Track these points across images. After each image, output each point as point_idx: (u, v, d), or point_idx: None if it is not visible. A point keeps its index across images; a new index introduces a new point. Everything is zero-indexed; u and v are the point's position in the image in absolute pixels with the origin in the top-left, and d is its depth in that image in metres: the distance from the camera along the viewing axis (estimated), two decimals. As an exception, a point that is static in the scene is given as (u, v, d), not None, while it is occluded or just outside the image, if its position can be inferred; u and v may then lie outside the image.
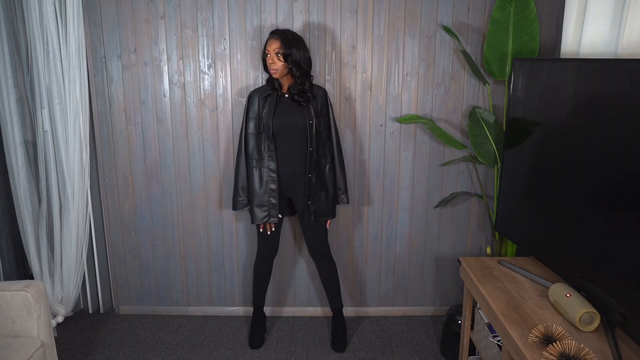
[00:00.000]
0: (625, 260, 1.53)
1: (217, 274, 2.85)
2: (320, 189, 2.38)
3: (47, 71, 2.40)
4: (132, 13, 2.52)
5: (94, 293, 2.87)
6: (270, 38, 2.24)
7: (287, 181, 2.37)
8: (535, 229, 2.00)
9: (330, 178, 2.41)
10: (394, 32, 2.53)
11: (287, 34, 2.24)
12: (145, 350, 2.54)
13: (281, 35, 2.22)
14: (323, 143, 2.38)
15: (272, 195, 2.33)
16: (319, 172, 2.38)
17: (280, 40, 2.20)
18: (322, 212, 2.39)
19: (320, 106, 2.35)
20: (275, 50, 2.20)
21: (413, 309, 2.89)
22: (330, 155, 2.42)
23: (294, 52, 2.21)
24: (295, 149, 2.32)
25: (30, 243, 2.56)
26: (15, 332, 1.92)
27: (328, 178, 2.40)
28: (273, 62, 2.21)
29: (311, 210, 2.36)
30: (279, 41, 2.20)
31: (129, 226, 2.80)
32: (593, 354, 1.37)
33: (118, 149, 2.69)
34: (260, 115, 2.31)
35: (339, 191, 2.46)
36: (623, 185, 1.52)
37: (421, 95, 2.60)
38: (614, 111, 1.57)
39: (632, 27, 1.74)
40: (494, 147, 2.43)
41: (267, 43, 2.24)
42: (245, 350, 2.55)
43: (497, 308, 1.75)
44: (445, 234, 2.79)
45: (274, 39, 2.22)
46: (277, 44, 2.20)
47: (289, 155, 2.32)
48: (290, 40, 2.22)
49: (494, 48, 2.37)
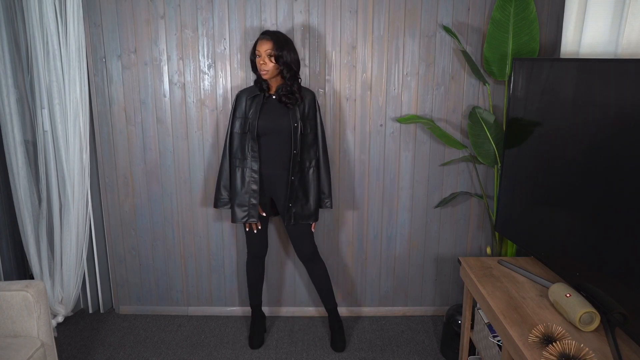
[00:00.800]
0: (625, 260, 1.53)
1: (217, 274, 2.85)
2: (302, 192, 2.38)
3: (47, 71, 2.40)
4: (132, 13, 2.52)
5: (94, 293, 2.87)
6: (261, 39, 2.22)
7: (270, 182, 2.37)
8: (535, 229, 2.00)
9: (314, 181, 2.40)
10: (394, 32, 2.53)
11: (278, 35, 2.24)
12: (145, 350, 2.54)
13: (272, 36, 2.21)
14: (309, 146, 2.37)
15: (252, 196, 2.33)
16: (302, 175, 2.37)
17: (272, 41, 2.19)
18: (303, 215, 2.38)
19: (308, 109, 2.34)
20: (266, 52, 2.19)
21: (413, 309, 2.89)
22: (316, 159, 2.41)
23: (285, 54, 2.21)
24: (279, 151, 2.32)
25: (30, 243, 2.56)
26: (15, 332, 1.92)
27: (311, 181, 2.39)
28: (264, 63, 2.20)
29: (292, 213, 2.35)
30: (271, 42, 2.19)
31: (129, 226, 2.80)
32: (593, 354, 1.37)
33: (118, 149, 2.69)
34: (246, 115, 2.31)
35: (322, 195, 2.45)
36: (623, 185, 1.52)
37: (421, 95, 2.60)
38: (614, 111, 1.57)
39: (632, 27, 1.74)
40: (494, 147, 2.43)
41: (258, 44, 2.23)
42: (245, 350, 2.55)
43: (497, 308, 1.75)
44: (445, 234, 2.79)
45: (265, 40, 2.21)
46: (268, 45, 2.19)
47: (272, 157, 2.33)
48: (282, 42, 2.21)
49: (494, 48, 2.37)
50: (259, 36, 2.25)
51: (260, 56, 2.21)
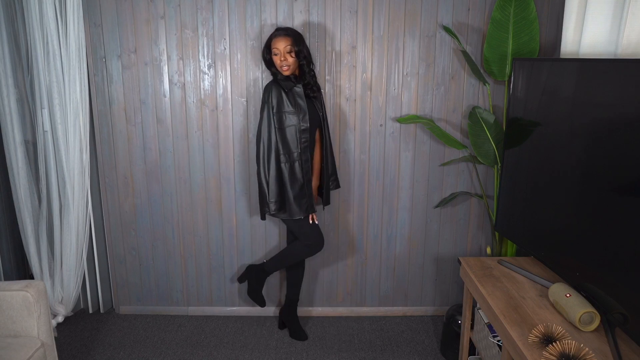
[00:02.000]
0: (625, 260, 1.53)
1: (217, 274, 2.85)
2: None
3: (47, 71, 2.40)
4: (132, 13, 2.52)
5: (94, 293, 2.87)
6: (276, 36, 2.24)
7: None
8: (535, 229, 2.00)
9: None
10: (394, 32, 2.53)
11: (293, 31, 2.29)
12: (145, 350, 2.54)
13: (289, 32, 2.26)
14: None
15: (307, 186, 2.34)
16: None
17: (290, 37, 2.23)
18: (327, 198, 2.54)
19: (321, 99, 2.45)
20: (286, 48, 2.22)
21: (413, 309, 2.89)
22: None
23: (302, 48, 2.26)
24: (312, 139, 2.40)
25: (30, 243, 2.56)
26: (15, 332, 1.92)
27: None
28: (285, 59, 2.23)
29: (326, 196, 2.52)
30: (290, 38, 2.23)
31: (129, 226, 2.80)
32: (593, 354, 1.37)
33: (118, 149, 2.69)
34: (298, 107, 2.28)
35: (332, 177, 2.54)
36: (623, 185, 1.52)
37: (421, 95, 2.60)
38: (614, 111, 1.57)
39: (632, 27, 1.74)
40: (494, 147, 2.43)
41: (273, 42, 2.24)
42: (245, 350, 2.55)
43: (497, 308, 1.75)
44: (445, 234, 2.79)
45: (282, 36, 2.23)
46: (287, 41, 2.22)
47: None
48: (298, 37, 2.27)
49: (494, 48, 2.37)
50: (273, 33, 2.27)
51: (280, 53, 2.23)
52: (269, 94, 2.28)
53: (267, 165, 2.30)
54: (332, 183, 2.54)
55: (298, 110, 2.28)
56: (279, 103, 2.28)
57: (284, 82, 2.30)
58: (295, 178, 2.31)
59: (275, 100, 2.27)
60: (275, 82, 2.31)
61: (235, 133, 2.65)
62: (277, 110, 2.28)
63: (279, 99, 2.27)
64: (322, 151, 2.47)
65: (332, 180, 2.54)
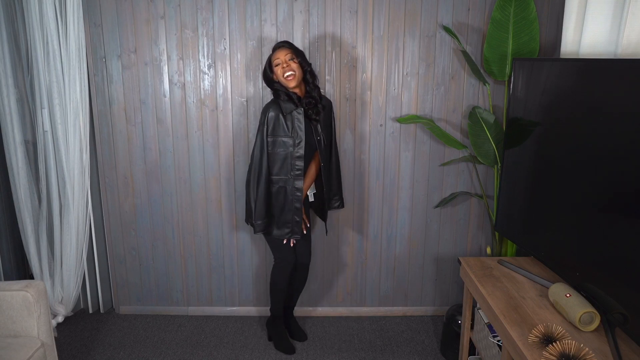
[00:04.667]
0: (625, 260, 1.53)
1: (217, 274, 2.85)
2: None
3: (47, 71, 2.40)
4: (132, 13, 2.52)
5: (94, 293, 2.87)
6: (277, 49, 2.23)
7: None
8: (535, 229, 2.00)
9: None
10: (394, 32, 2.53)
11: (292, 44, 2.27)
12: (145, 350, 2.54)
13: (287, 44, 2.25)
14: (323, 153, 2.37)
15: (296, 214, 2.28)
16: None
17: (290, 48, 2.22)
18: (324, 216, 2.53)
19: (325, 118, 2.36)
20: (287, 56, 2.20)
21: (413, 309, 2.89)
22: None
23: (303, 60, 2.24)
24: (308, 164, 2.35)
25: (30, 243, 2.56)
26: (15, 332, 1.92)
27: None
28: (288, 66, 2.18)
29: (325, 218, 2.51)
30: (289, 49, 2.22)
31: (129, 226, 2.80)
32: (593, 354, 1.37)
33: (118, 149, 2.69)
34: (294, 133, 2.22)
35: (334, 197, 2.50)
36: (623, 185, 1.52)
37: (421, 95, 2.60)
38: (614, 111, 1.57)
39: (632, 27, 1.74)
40: (494, 147, 2.43)
41: (274, 55, 2.22)
42: (245, 350, 2.55)
43: (497, 308, 1.75)
44: (445, 234, 2.79)
45: (282, 48, 2.23)
46: (287, 51, 2.21)
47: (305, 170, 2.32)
48: (298, 50, 2.26)
49: (494, 48, 2.37)
50: (275, 47, 2.26)
51: (281, 63, 2.19)
52: (265, 116, 2.22)
53: (257, 187, 2.26)
54: (336, 202, 2.49)
55: (294, 135, 2.22)
56: (275, 127, 2.22)
57: (285, 103, 2.23)
58: (283, 204, 2.28)
59: (271, 123, 2.22)
60: (276, 102, 2.25)
61: (235, 133, 2.65)
62: (272, 133, 2.22)
63: (275, 123, 2.21)
64: (318, 169, 2.39)
65: (336, 200, 2.49)
